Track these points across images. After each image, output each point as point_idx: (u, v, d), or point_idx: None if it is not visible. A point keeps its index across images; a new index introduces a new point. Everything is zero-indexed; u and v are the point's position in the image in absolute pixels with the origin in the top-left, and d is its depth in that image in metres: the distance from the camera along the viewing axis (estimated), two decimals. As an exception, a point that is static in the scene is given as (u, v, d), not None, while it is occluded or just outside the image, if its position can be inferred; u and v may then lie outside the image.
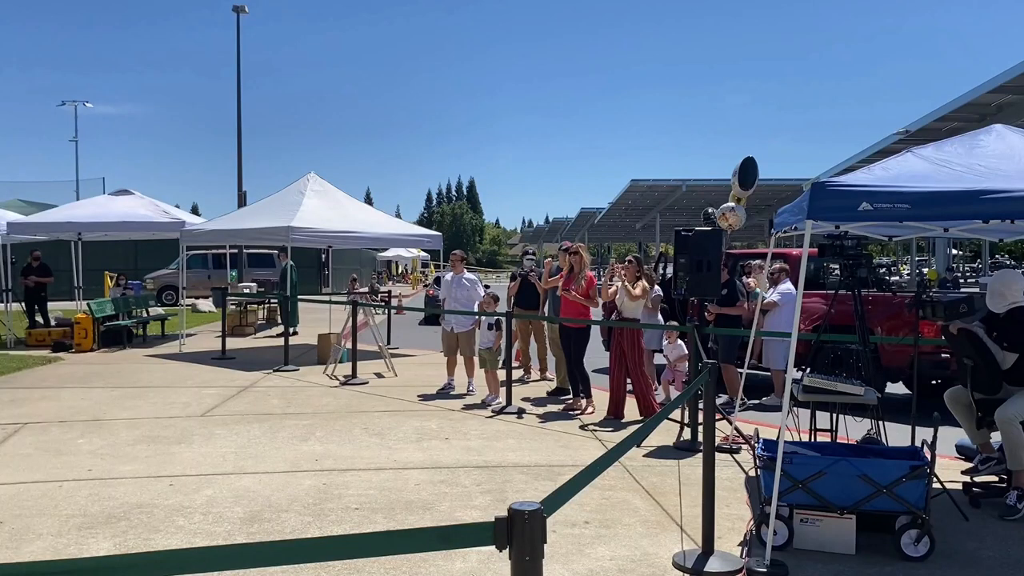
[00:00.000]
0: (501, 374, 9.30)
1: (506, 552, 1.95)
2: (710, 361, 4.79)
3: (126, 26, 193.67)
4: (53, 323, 16.59)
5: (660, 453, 7.05)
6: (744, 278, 10.02)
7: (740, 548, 4.74)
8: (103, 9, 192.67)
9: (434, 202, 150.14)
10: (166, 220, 14.97)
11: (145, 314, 17.24)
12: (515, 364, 10.50)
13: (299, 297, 17.29)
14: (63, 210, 17.17)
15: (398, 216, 28.90)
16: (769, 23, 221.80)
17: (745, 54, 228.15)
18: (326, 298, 18.80)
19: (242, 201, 27.29)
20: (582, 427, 8.14)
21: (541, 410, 9.04)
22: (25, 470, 6.40)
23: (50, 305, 17.46)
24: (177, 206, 19.50)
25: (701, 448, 6.95)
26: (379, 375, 11.52)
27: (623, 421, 8.42)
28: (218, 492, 5.78)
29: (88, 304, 15.10)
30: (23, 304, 16.85)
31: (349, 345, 11.63)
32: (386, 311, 15.56)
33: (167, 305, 25.32)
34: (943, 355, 8.54)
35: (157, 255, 29.10)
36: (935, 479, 4.75)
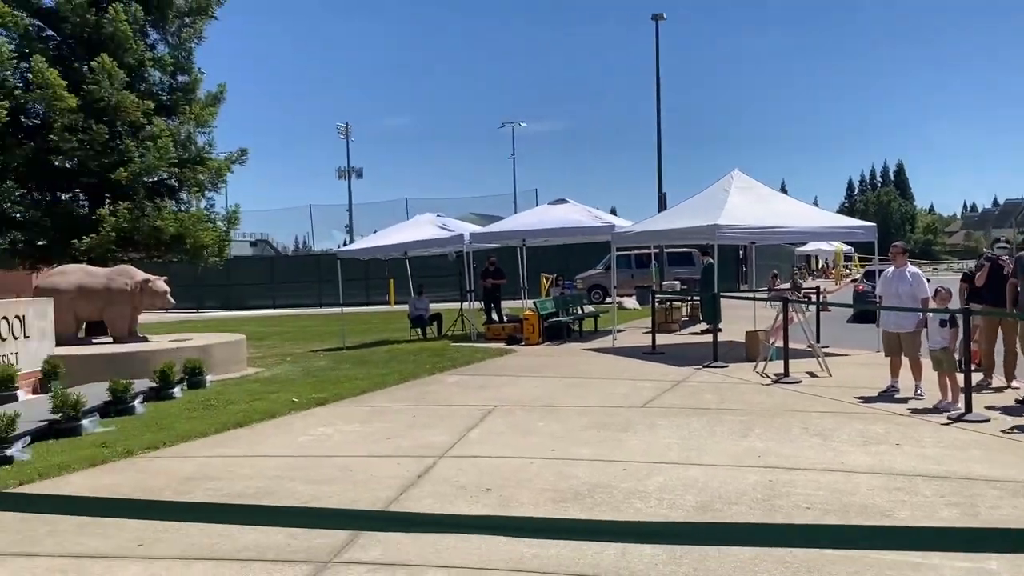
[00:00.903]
0: (959, 378, 8.39)
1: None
2: None
3: (554, 47, 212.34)
4: (505, 319, 18.83)
5: None
6: None
7: None
8: (533, 39, 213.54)
9: (855, 190, 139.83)
10: (598, 224, 16.13)
11: (579, 311, 18.74)
12: (973, 366, 9.34)
13: (721, 294, 17.40)
14: (511, 220, 19.44)
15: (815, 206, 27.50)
16: None
17: None
18: (748, 295, 18.66)
19: (662, 202, 28.27)
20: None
21: (1013, 420, 7.95)
22: (501, 446, 7.38)
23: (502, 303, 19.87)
24: (596, 208, 20.88)
25: None
26: (811, 374, 11.12)
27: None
28: (668, 480, 6.09)
29: (533, 303, 16.88)
30: (482, 303, 19.40)
31: (778, 343, 11.41)
32: (814, 308, 14.96)
33: (594, 303, 27.19)
34: None
35: (583, 256, 31.29)
36: None
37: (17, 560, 4.83)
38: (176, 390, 10.56)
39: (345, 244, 50.10)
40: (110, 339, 13.12)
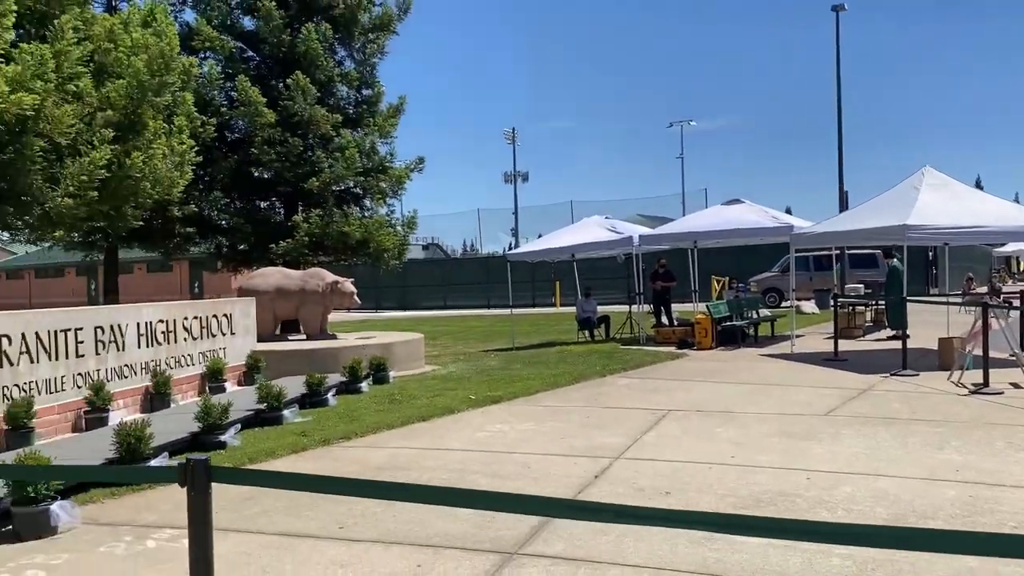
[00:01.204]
0: None
1: None
2: None
3: (724, 42, 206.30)
4: (675, 323, 18.59)
5: None
6: None
7: None
8: (701, 35, 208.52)
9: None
10: (775, 225, 15.60)
11: (755, 315, 18.19)
12: None
13: (908, 298, 16.39)
14: (683, 221, 19.19)
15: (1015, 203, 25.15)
16: None
17: None
18: (940, 299, 17.46)
19: (843, 202, 26.89)
20: None
21: None
22: (678, 451, 7.33)
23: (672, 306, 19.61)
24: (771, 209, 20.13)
25: None
26: (1016, 385, 10.26)
27: None
28: (856, 490, 5.85)
29: (706, 306, 16.56)
30: (651, 305, 19.25)
31: (976, 351, 10.61)
32: (1017, 314, 13.76)
33: (770, 306, 26.26)
34: None
35: (754, 258, 30.09)
36: None
37: (236, 535, 5.35)
38: (363, 385, 11.24)
39: (511, 247, 51.16)
40: (303, 336, 14.12)
